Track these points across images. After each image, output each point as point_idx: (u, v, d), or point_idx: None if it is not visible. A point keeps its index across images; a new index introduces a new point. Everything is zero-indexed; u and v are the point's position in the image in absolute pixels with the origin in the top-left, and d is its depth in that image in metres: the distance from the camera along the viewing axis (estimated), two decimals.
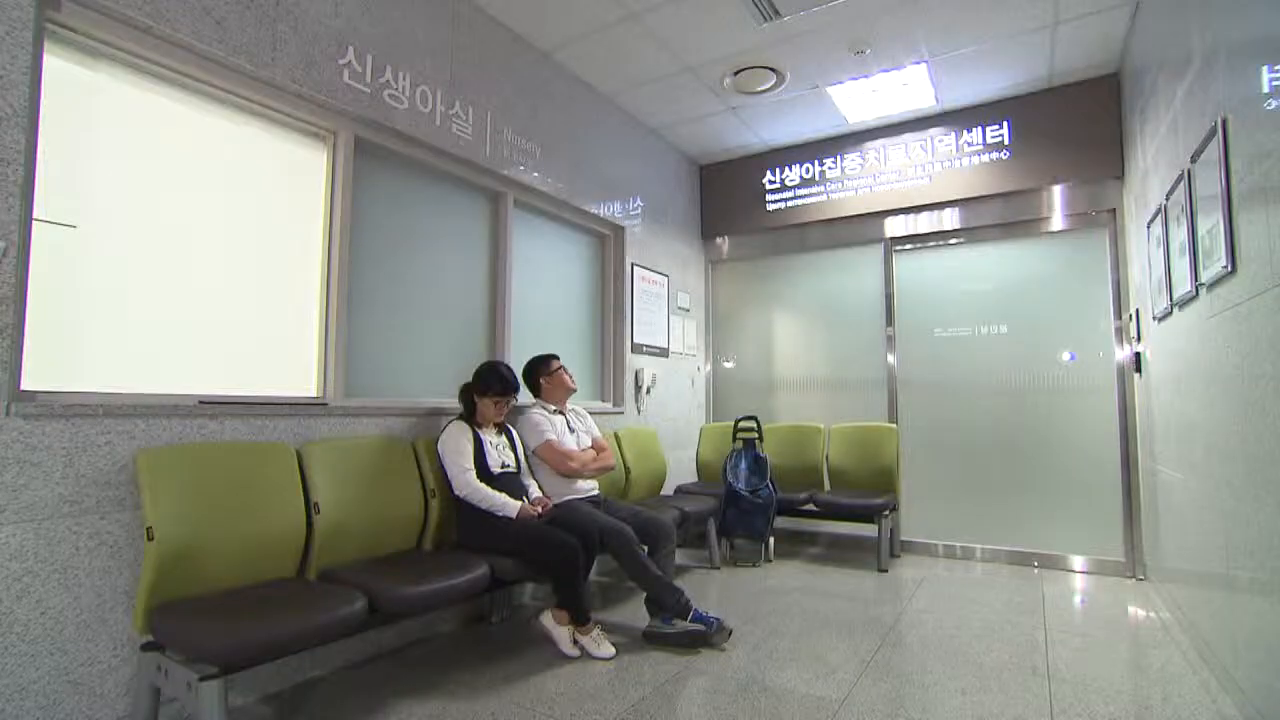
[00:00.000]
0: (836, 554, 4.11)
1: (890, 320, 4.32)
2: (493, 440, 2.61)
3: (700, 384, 4.89)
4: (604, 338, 4.04)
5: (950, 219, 4.17)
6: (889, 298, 4.34)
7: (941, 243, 4.23)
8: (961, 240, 4.17)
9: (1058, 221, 3.88)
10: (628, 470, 3.62)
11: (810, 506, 3.87)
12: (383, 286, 2.71)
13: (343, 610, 1.71)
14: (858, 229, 4.45)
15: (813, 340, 4.64)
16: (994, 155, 4.00)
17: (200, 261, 2.14)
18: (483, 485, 2.44)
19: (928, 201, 4.18)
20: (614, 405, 4.00)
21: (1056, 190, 3.87)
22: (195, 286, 2.12)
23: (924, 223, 4.25)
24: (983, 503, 3.98)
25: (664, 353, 4.43)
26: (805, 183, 4.61)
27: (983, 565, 3.85)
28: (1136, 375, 3.54)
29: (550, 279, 3.65)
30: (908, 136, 4.27)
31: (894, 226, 4.34)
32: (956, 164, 4.10)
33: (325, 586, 1.91)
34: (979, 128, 4.06)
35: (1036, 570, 3.71)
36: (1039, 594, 3.22)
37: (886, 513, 3.72)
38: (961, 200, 4.10)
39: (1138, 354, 3.46)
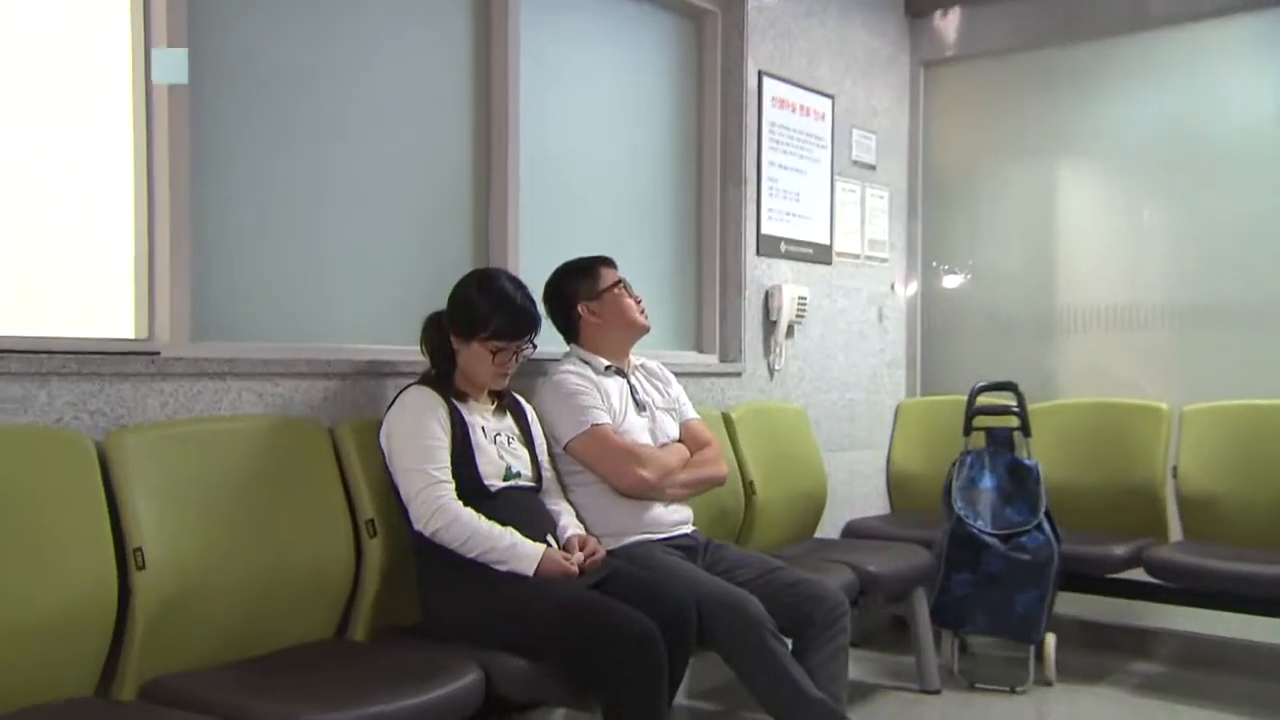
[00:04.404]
0: (1204, 678, 3.74)
1: None
2: (488, 424, 2.46)
3: (897, 318, 4.73)
4: (701, 226, 3.87)
5: None
6: None
7: None
8: None
9: None
10: (750, 488, 3.44)
11: (1140, 574, 3.58)
12: (262, 131, 2.54)
13: None
14: None
15: (1142, 223, 4.24)
16: None
17: None
18: (470, 512, 2.27)
19: None
20: (721, 359, 3.87)
21: None
22: None
23: None
24: None
25: (823, 255, 4.25)
26: None
27: None
28: None
29: (593, 109, 3.49)
30: None
31: None
32: None
33: (151, 714, 1.84)
34: None
35: None
36: None
37: None
38: None
39: None
